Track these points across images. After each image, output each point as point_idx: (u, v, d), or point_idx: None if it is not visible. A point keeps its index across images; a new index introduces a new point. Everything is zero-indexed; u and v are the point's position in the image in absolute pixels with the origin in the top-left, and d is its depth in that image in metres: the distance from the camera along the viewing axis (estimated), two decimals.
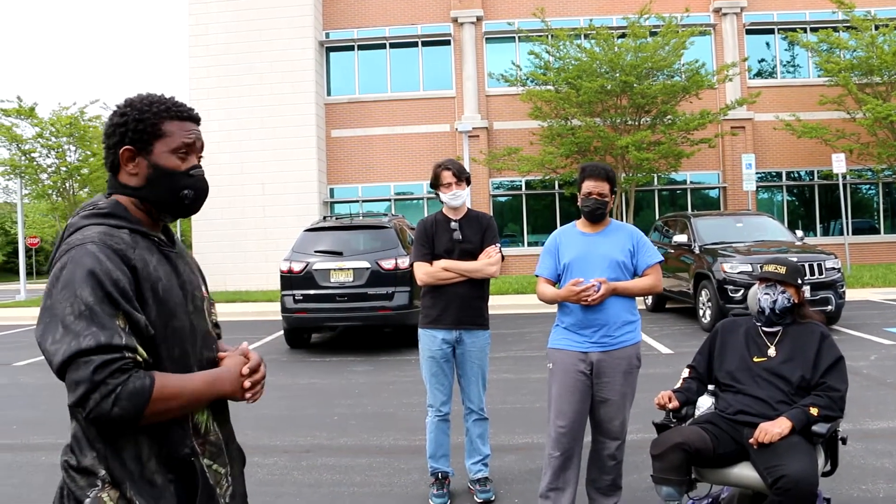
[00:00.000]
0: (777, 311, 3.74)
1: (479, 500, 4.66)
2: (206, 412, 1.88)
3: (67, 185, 23.22)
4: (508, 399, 7.38)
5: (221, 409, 1.97)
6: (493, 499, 4.67)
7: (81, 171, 23.11)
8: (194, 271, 2.00)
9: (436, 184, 4.82)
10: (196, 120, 1.93)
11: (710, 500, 4.05)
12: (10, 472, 5.61)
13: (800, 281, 3.77)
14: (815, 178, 24.61)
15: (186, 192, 1.87)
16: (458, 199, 4.75)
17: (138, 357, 1.64)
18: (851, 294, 14.47)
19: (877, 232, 24.94)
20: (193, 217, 23.82)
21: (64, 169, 22.80)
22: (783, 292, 3.74)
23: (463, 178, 4.75)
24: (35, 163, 22.88)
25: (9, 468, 5.73)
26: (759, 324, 3.83)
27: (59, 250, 1.73)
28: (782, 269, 3.76)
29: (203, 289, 2.01)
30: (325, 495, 4.91)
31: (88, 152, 23.23)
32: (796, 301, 3.77)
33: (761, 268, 3.89)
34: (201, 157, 1.94)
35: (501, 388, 7.79)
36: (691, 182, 24.84)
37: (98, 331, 1.59)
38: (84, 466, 1.71)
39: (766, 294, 3.77)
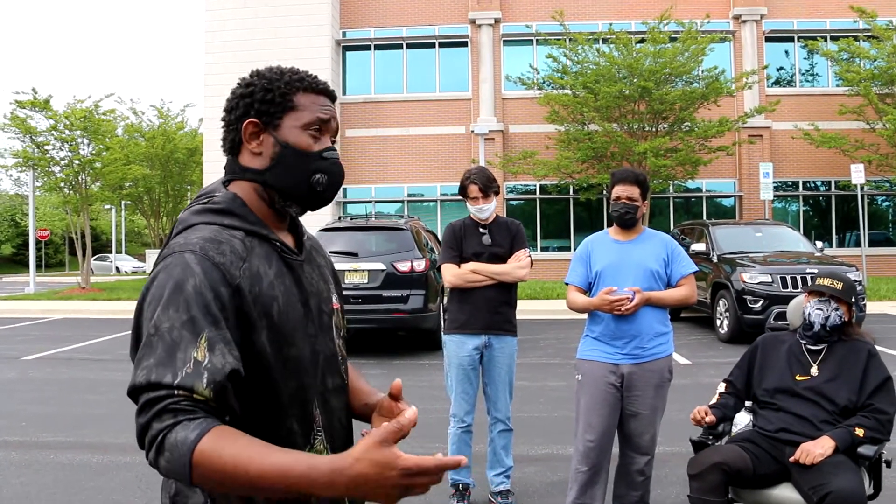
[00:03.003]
0: (827, 328, 3.58)
1: None
2: (326, 452, 1.56)
3: (80, 178, 23.12)
4: (526, 408, 7.23)
5: (340, 442, 1.65)
6: None
7: (94, 164, 23.01)
8: (325, 277, 1.69)
9: (464, 194, 4.70)
10: (332, 96, 1.65)
11: None
12: (19, 471, 5.50)
13: (853, 299, 3.60)
14: (832, 189, 24.39)
15: (318, 176, 1.56)
16: (483, 212, 4.64)
17: (196, 396, 1.27)
18: (869, 307, 14.25)
19: (893, 244, 24.72)
20: None
21: (77, 162, 22.69)
22: (836, 309, 3.57)
23: (490, 191, 4.63)
24: (48, 155, 22.80)
25: (17, 466, 5.62)
26: (803, 341, 3.66)
27: (162, 253, 1.46)
28: (839, 285, 3.57)
29: (334, 298, 1.70)
30: None
31: (102, 146, 23.16)
32: (846, 318, 3.61)
33: (815, 279, 3.72)
34: (335, 140, 1.64)
35: (519, 397, 7.56)
36: (707, 190, 24.67)
37: (154, 364, 1.28)
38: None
39: (818, 309, 3.59)
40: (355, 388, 1.78)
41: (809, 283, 3.71)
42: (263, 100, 1.54)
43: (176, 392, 1.26)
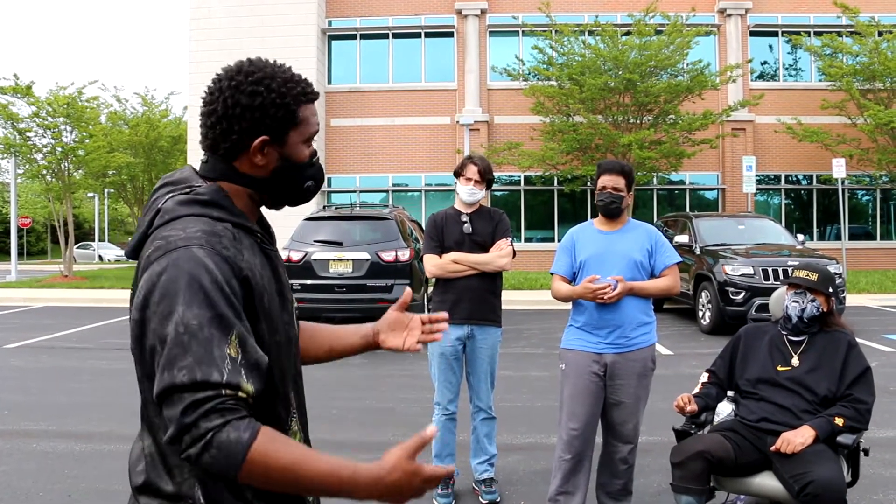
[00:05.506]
0: (805, 320, 3.63)
1: (484, 501, 4.56)
2: (300, 436, 1.63)
3: (63, 165, 22.91)
4: (508, 397, 7.27)
5: (307, 427, 1.70)
6: (498, 500, 4.57)
7: (77, 152, 22.78)
8: (283, 265, 1.72)
9: (458, 173, 4.69)
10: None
11: None
12: (1, 459, 5.48)
13: (830, 289, 3.64)
14: (814, 183, 24.61)
15: (310, 183, 1.63)
16: (473, 195, 4.63)
17: (241, 394, 1.33)
18: (848, 300, 14.39)
19: (872, 238, 24.97)
20: None
21: (59, 149, 22.46)
22: (812, 300, 3.61)
23: (485, 179, 4.64)
24: (30, 142, 22.56)
25: None
26: (784, 332, 3.72)
27: (154, 246, 1.43)
28: (814, 276, 3.62)
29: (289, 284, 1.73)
30: None
31: (85, 133, 22.95)
32: (825, 309, 3.65)
33: (792, 272, 3.76)
34: None
35: (502, 386, 7.60)
36: (690, 182, 24.79)
37: (195, 363, 1.30)
38: (168, 492, 1.45)
39: (794, 302, 3.64)
40: (336, 331, 1.90)
41: (791, 275, 3.75)
42: (276, 116, 1.52)
43: (223, 392, 1.31)
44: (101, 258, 45.23)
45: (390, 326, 1.87)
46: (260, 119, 1.51)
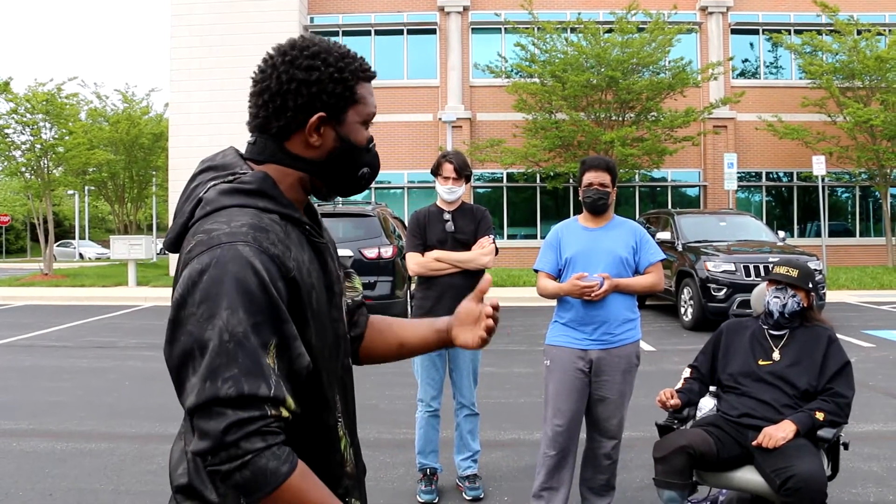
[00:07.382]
0: (786, 315, 3.66)
1: (468, 498, 4.56)
2: (346, 440, 1.52)
3: (42, 162, 22.71)
4: (493, 394, 7.29)
5: (355, 429, 1.59)
6: (482, 496, 4.58)
7: (57, 149, 22.60)
8: (332, 255, 1.58)
9: (436, 172, 4.70)
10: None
11: (709, 502, 3.98)
12: None
13: (810, 285, 3.68)
14: (794, 180, 24.80)
15: (365, 170, 1.53)
16: (452, 193, 4.64)
17: (284, 412, 1.27)
18: (828, 296, 14.53)
19: (852, 235, 25.19)
20: (170, 200, 23.51)
21: (39, 146, 22.28)
22: (793, 296, 3.65)
23: (462, 175, 4.64)
24: (8, 139, 22.36)
25: None
26: (765, 326, 3.75)
27: (196, 240, 1.32)
28: (794, 272, 3.66)
29: (340, 274, 1.62)
30: None
31: (65, 130, 22.76)
32: (805, 305, 3.69)
33: (772, 268, 3.80)
34: None
35: (486, 383, 7.66)
36: (672, 179, 24.92)
37: (241, 375, 1.22)
38: (212, 501, 1.36)
39: (775, 297, 3.68)
40: (408, 326, 1.82)
41: (772, 271, 3.79)
42: (333, 92, 1.44)
43: (269, 412, 1.24)
44: (81, 256, 44.84)
45: (462, 321, 1.77)
46: (317, 94, 1.43)
